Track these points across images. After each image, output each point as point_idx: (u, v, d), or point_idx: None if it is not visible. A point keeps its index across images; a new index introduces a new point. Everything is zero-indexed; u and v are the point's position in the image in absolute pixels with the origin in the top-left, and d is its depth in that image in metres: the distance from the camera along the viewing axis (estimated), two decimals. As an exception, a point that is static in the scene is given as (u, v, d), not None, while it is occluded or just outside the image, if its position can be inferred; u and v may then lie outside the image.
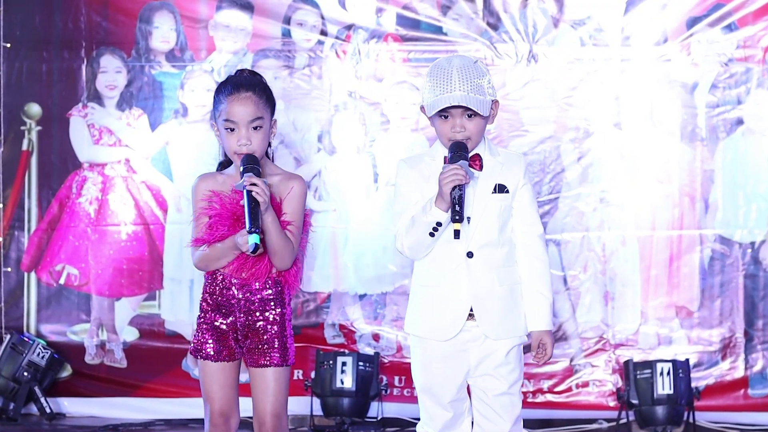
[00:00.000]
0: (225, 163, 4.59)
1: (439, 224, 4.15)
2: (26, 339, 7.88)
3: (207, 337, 4.40)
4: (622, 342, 7.78)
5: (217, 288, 4.40)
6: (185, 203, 7.94)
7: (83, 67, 8.08)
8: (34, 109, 8.12)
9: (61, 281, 8.08)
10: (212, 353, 4.39)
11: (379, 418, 7.61)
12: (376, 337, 7.93)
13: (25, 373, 7.75)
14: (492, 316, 4.25)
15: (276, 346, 4.37)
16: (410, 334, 4.39)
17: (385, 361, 7.85)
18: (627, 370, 7.51)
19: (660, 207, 7.80)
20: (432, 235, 4.17)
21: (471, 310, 4.25)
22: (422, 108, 4.33)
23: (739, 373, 7.74)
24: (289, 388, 4.47)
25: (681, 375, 7.41)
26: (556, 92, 7.83)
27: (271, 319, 4.38)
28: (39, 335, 8.03)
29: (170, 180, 8.06)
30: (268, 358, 4.36)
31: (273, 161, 4.57)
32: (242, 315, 4.38)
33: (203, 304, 4.45)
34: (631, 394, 7.42)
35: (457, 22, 7.92)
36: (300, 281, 4.45)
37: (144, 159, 8.10)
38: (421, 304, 4.34)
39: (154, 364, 7.97)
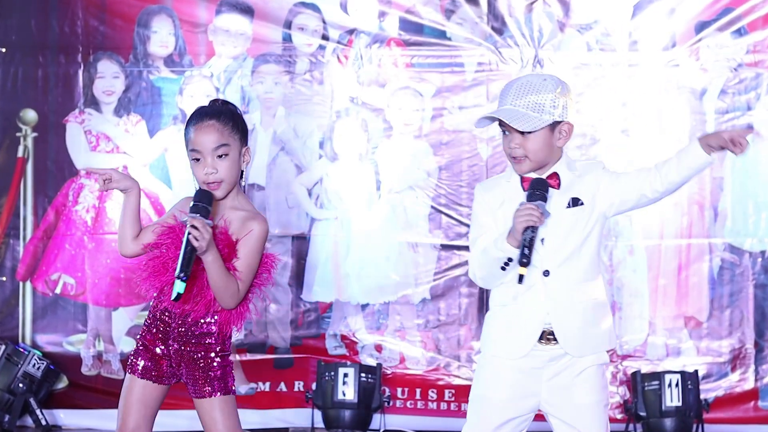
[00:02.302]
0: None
1: (510, 260, 4.12)
2: (21, 350, 7.80)
3: (140, 354, 4.39)
4: (629, 353, 7.72)
5: (158, 312, 4.39)
6: (184, 211, 7.89)
7: (80, 73, 8.02)
8: (30, 115, 8.06)
9: (57, 291, 8.01)
10: (140, 369, 4.38)
11: (381, 431, 7.54)
12: (378, 348, 7.87)
13: (21, 385, 7.68)
14: (573, 332, 4.17)
15: (214, 377, 4.33)
16: (481, 353, 4.34)
17: (388, 372, 7.78)
18: (635, 381, 7.46)
19: (668, 215, 7.74)
20: (503, 269, 4.15)
21: (549, 331, 4.18)
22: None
23: (749, 384, 7.68)
24: (290, 400, 4.40)
25: (690, 387, 7.36)
26: (562, 98, 7.73)
27: (210, 353, 4.33)
28: (34, 346, 7.96)
29: (169, 187, 7.99)
30: (208, 390, 4.32)
31: (245, 191, 4.47)
32: (176, 344, 4.34)
33: (146, 321, 4.44)
34: (639, 406, 7.38)
35: (461, 27, 7.87)
36: (241, 323, 4.36)
37: (142, 166, 8.02)
38: (497, 323, 4.28)
39: (151, 375, 7.87)
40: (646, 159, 7.72)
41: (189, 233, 4.10)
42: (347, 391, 7.43)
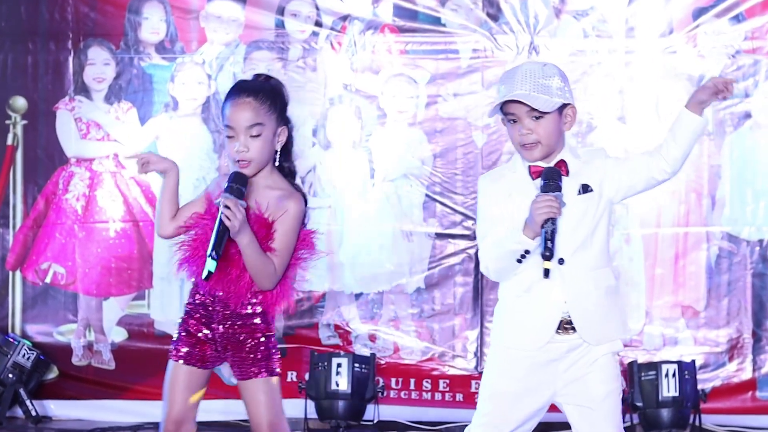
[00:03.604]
0: None
1: (527, 252, 4.09)
2: (11, 340, 7.75)
3: (183, 341, 4.40)
4: (626, 342, 7.57)
5: (199, 297, 4.39)
6: (175, 199, 7.86)
7: (70, 60, 7.97)
8: (20, 102, 8.01)
9: (48, 280, 7.96)
10: (183, 355, 4.38)
11: (375, 421, 7.49)
12: (372, 338, 7.82)
13: (10, 375, 7.63)
14: (591, 320, 4.15)
15: (261, 358, 4.35)
16: (493, 345, 4.31)
17: (382, 362, 7.71)
18: (631, 371, 7.39)
19: (665, 203, 7.68)
20: (520, 261, 4.12)
21: (567, 320, 4.15)
22: (502, 122, 4.29)
23: (746, 374, 7.62)
24: (282, 391, 4.45)
25: (687, 377, 7.29)
26: (558, 85, 7.67)
27: (255, 333, 4.35)
28: (24, 336, 7.91)
29: (160, 176, 7.90)
30: (254, 371, 4.35)
31: (292, 173, 4.45)
32: (221, 326, 4.35)
33: (186, 308, 4.45)
34: (636, 396, 7.31)
35: (456, 13, 7.82)
36: (283, 303, 4.38)
37: (133, 154, 7.90)
38: (511, 314, 4.25)
39: (143, 365, 7.83)
40: (643, 146, 7.66)
41: (222, 213, 4.10)
42: (341, 381, 7.37)
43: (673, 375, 7.26)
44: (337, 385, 7.37)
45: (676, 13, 7.70)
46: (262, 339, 4.34)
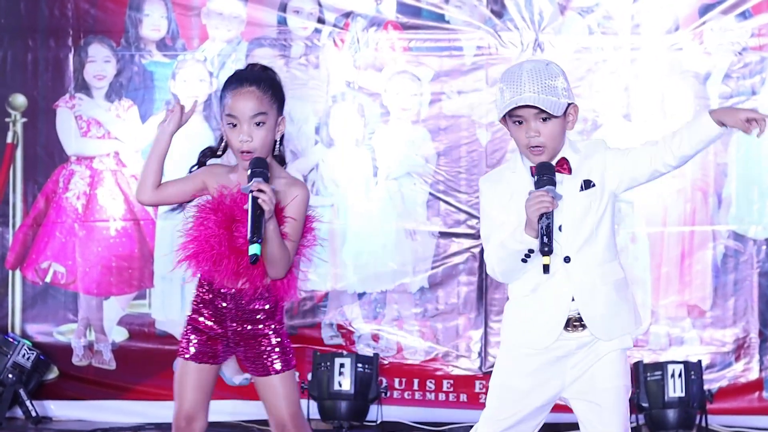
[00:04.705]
0: (209, 151, 4.50)
1: (531, 251, 4.08)
2: (11, 339, 7.73)
3: (193, 337, 4.39)
4: (634, 341, 7.59)
5: (208, 295, 4.37)
6: (177, 198, 7.84)
7: (70, 57, 7.94)
8: (20, 99, 7.98)
9: (48, 279, 7.94)
10: (194, 353, 4.37)
11: (378, 422, 7.47)
12: (375, 338, 7.79)
13: (10, 375, 7.60)
14: (600, 316, 4.13)
15: (276, 353, 4.36)
16: (502, 343, 4.29)
17: (385, 362, 7.70)
18: (637, 371, 7.36)
19: (671, 202, 7.66)
20: (524, 261, 4.11)
21: (576, 318, 4.14)
22: (501, 121, 4.25)
23: (753, 374, 7.58)
24: None
25: (693, 377, 7.27)
26: (563, 82, 7.64)
27: (267, 329, 4.35)
28: (24, 336, 7.88)
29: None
30: (270, 367, 4.36)
31: (284, 161, 4.47)
32: (234, 323, 4.35)
33: (194, 305, 4.43)
34: (641, 396, 7.29)
35: (460, 10, 7.78)
36: (294, 290, 4.41)
37: (134, 152, 7.93)
38: (519, 314, 4.24)
39: (144, 365, 7.83)
40: (649, 144, 7.65)
41: (257, 197, 4.06)
42: (343, 381, 7.35)
43: (679, 375, 7.24)
44: (340, 385, 7.35)
45: (682, 10, 7.66)
46: (273, 333, 4.34)
